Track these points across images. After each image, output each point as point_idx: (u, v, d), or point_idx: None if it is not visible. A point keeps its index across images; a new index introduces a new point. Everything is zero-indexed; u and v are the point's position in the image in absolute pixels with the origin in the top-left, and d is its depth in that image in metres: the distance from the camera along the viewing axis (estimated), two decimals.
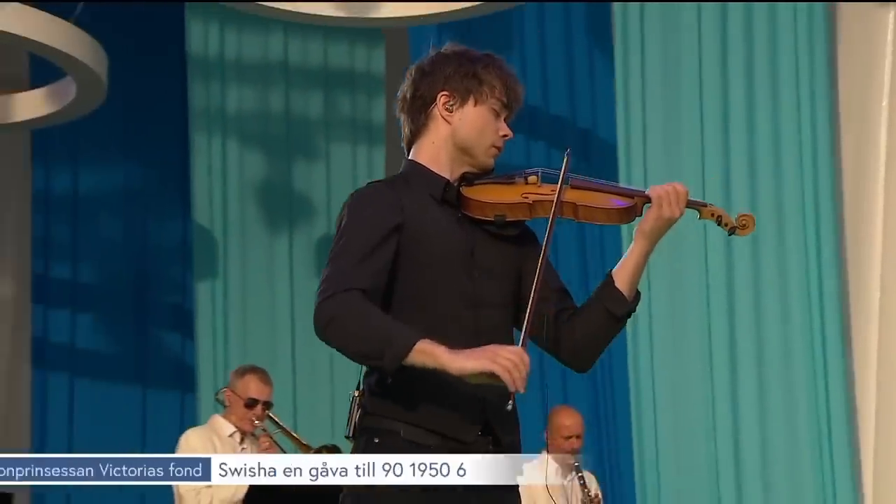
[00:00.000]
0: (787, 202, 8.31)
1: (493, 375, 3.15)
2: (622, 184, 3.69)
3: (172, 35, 10.55)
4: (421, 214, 3.42)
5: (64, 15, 9.07)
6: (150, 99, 11.18)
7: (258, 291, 10.30)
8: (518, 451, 3.49)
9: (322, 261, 10.34)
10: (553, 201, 3.41)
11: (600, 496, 7.73)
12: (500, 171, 3.63)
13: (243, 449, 6.94)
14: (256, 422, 7.04)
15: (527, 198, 3.46)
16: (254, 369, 7.26)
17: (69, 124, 10.45)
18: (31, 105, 10.17)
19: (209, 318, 10.19)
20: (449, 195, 3.48)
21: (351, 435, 3.38)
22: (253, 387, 7.03)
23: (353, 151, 10.60)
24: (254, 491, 6.60)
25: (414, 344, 3.17)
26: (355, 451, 3.36)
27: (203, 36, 10.36)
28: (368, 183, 3.59)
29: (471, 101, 3.50)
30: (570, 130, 9.73)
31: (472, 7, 8.99)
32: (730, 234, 3.61)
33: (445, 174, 3.50)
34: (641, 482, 8.28)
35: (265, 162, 10.49)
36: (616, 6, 8.77)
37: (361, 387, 3.41)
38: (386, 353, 3.18)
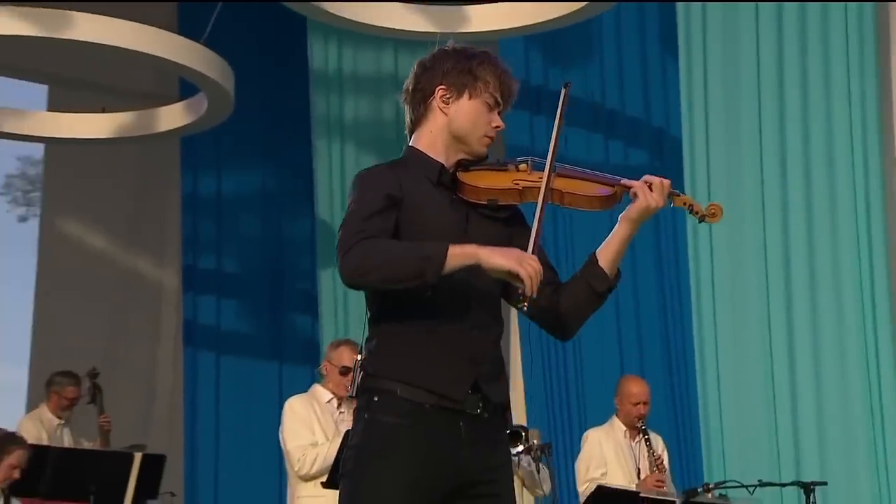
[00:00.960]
0: (840, 192, 8.24)
1: (514, 276, 3.18)
2: (604, 174, 3.55)
3: (297, 52, 10.63)
4: (418, 194, 3.39)
5: (195, 37, 9.27)
6: (279, 109, 11.31)
7: None
8: (507, 408, 3.46)
9: None
10: (541, 188, 3.37)
11: (665, 456, 7.66)
12: (574, 163, 3.60)
13: (341, 413, 6.88)
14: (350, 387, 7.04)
15: (517, 184, 3.43)
16: (347, 341, 7.21)
17: (212, 134, 10.60)
18: (172, 117, 10.37)
19: (331, 301, 10.30)
20: (444, 178, 3.44)
21: (354, 394, 3.37)
22: (346, 356, 6.93)
23: None
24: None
25: (447, 250, 3.18)
26: (358, 408, 3.35)
27: (323, 53, 10.48)
28: (372, 166, 3.56)
29: (466, 95, 3.45)
30: (644, 130, 9.63)
31: (554, 20, 8.87)
32: (700, 221, 3.54)
33: (441, 160, 3.46)
34: (707, 446, 8.21)
35: (378, 157, 10.57)
36: (679, 7, 8.64)
37: (363, 352, 3.41)
38: (426, 267, 3.17)
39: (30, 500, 7.64)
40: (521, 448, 7.00)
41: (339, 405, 6.96)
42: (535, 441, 7.04)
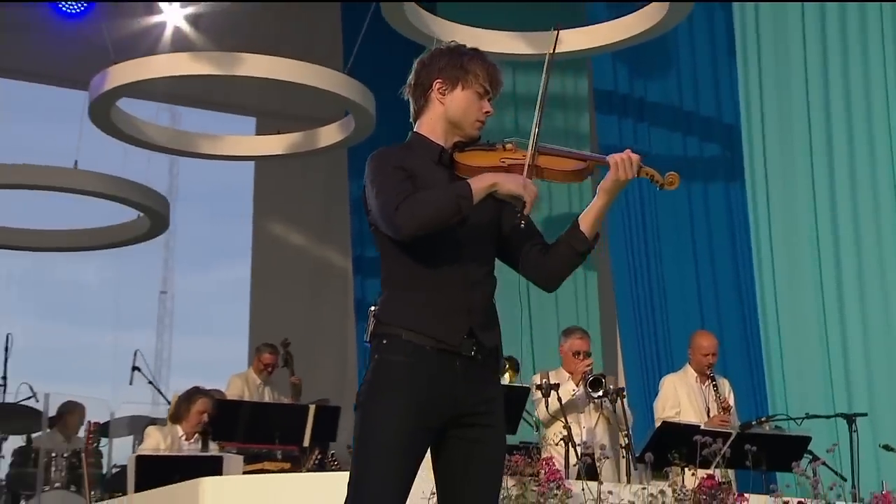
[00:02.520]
0: (880, 171, 8.08)
1: (517, 198, 3.22)
2: (580, 152, 3.55)
3: None
4: (422, 171, 3.34)
5: (342, 67, 9.50)
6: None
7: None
8: (499, 352, 3.41)
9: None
10: (524, 164, 3.34)
11: (731, 398, 7.61)
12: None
13: None
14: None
15: (504, 162, 3.38)
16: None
17: (368, 146, 10.63)
18: (329, 135, 10.58)
19: None
20: (444, 159, 3.40)
21: (368, 339, 3.34)
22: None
23: None
24: None
25: (469, 185, 3.21)
26: (371, 351, 3.32)
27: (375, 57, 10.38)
28: (381, 148, 3.49)
29: (459, 87, 3.40)
30: (716, 126, 9.45)
31: (634, 36, 8.78)
32: (660, 189, 3.45)
33: (440, 143, 3.42)
34: (771, 385, 8.13)
35: None
36: (736, 15, 8.51)
37: (376, 303, 3.38)
38: (462, 203, 3.18)
39: (227, 444, 7.90)
40: (601, 392, 7.05)
41: None
42: (612, 386, 7.07)
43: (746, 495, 6.26)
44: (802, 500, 6.23)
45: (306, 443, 8.05)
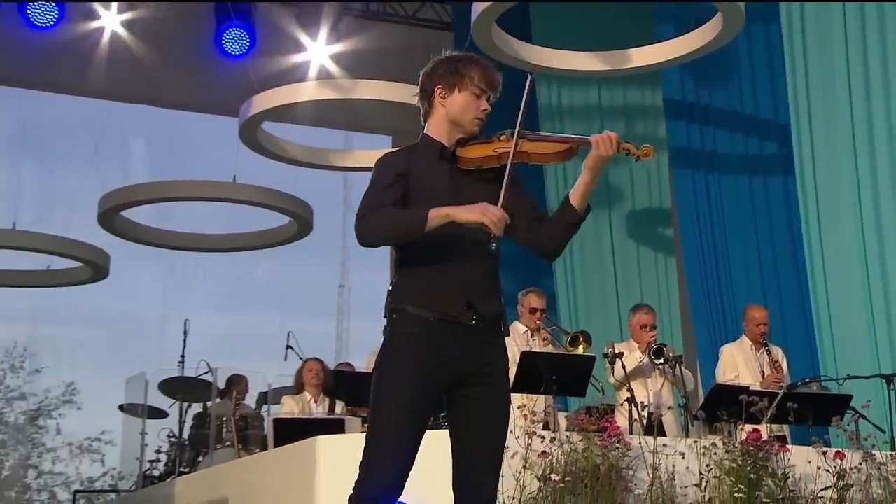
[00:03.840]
0: None
1: (482, 224, 3.09)
2: (565, 135, 3.41)
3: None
4: (422, 168, 3.27)
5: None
6: None
7: (591, 252, 10.33)
8: (500, 320, 3.30)
9: (630, 231, 10.44)
10: (510, 150, 3.24)
11: (784, 363, 7.46)
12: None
13: (532, 340, 6.97)
14: (538, 322, 7.05)
15: (496, 152, 3.28)
16: (533, 290, 7.23)
17: None
18: None
19: (563, 273, 10.33)
20: (445, 154, 3.32)
21: (385, 314, 3.28)
22: (534, 301, 7.06)
23: (629, 166, 10.30)
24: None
25: (427, 213, 3.11)
26: (385, 325, 3.26)
27: (547, 91, 10.55)
28: (387, 151, 3.43)
29: (456, 90, 3.31)
30: (774, 127, 9.24)
31: (697, 50, 8.64)
32: (636, 161, 3.34)
33: (444, 140, 3.33)
34: (821, 349, 7.91)
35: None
36: (784, 20, 8.29)
37: (391, 284, 3.32)
38: (413, 230, 3.13)
39: (356, 408, 7.66)
40: (662, 360, 7.01)
41: (532, 335, 7.11)
42: (671, 354, 7.03)
43: (788, 446, 6.17)
44: (840, 449, 6.11)
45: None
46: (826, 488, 5.96)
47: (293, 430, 6.71)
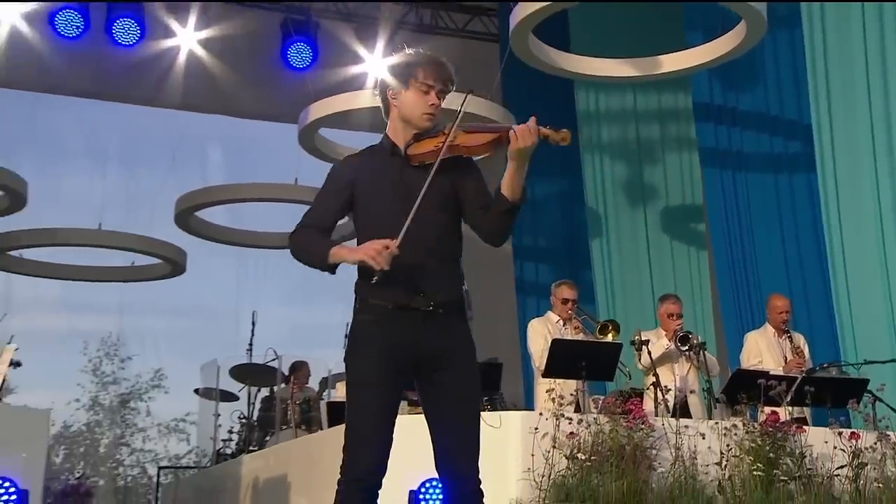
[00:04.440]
0: None
1: (365, 262, 3.04)
2: (496, 125, 3.56)
3: (566, 99, 10.61)
4: (371, 169, 3.23)
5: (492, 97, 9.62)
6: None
7: (627, 246, 10.33)
8: (459, 304, 3.21)
9: (664, 227, 10.37)
10: (449, 145, 3.18)
11: (805, 349, 7.37)
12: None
13: (564, 328, 7.01)
14: (569, 311, 7.07)
15: (437, 146, 3.19)
16: (565, 282, 7.24)
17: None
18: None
19: (601, 265, 10.35)
20: (396, 152, 3.24)
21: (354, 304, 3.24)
22: (566, 292, 7.07)
23: (678, 156, 10.44)
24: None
25: (328, 251, 3.10)
26: (354, 313, 3.23)
27: (585, 96, 10.55)
28: (343, 157, 3.42)
29: (404, 89, 3.24)
30: (798, 127, 9.07)
31: (725, 55, 8.53)
32: (555, 145, 3.20)
33: (400, 137, 3.26)
34: (842, 335, 7.79)
35: (626, 166, 10.61)
36: (805, 23, 8.13)
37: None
38: (322, 265, 3.14)
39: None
40: (687, 346, 6.98)
41: (565, 324, 7.13)
42: (696, 341, 6.99)
43: (805, 427, 6.11)
44: (856, 430, 6.04)
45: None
46: (841, 467, 5.89)
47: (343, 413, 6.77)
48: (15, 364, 5.76)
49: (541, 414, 5.66)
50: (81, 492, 12.29)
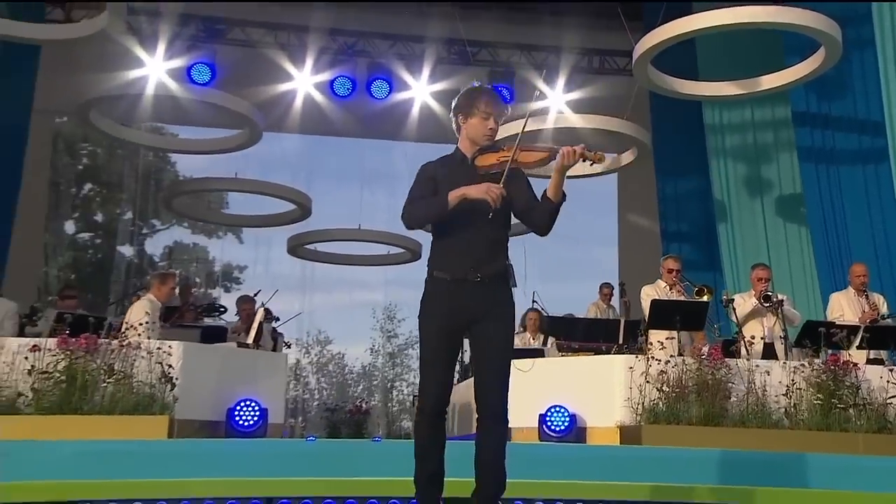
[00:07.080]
0: None
1: (481, 199, 3.02)
2: (549, 146, 3.12)
3: (694, 113, 10.11)
4: (447, 173, 3.16)
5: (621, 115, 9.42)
6: (689, 145, 10.42)
7: (748, 228, 9.87)
8: (504, 275, 3.14)
9: (777, 211, 9.84)
10: (509, 158, 3.10)
11: (883, 307, 6.82)
12: None
13: (670, 293, 6.64)
14: (674, 279, 6.72)
15: (499, 160, 3.12)
16: (671, 255, 6.98)
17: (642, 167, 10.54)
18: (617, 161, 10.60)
19: (726, 244, 9.96)
20: (466, 162, 3.19)
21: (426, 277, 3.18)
22: (671, 263, 6.83)
23: (788, 156, 9.73)
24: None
25: (446, 198, 3.05)
26: (424, 283, 3.17)
27: (711, 111, 10.09)
28: (427, 162, 3.26)
29: (469, 116, 3.21)
30: (883, 128, 8.17)
31: (813, 71, 7.99)
32: (591, 165, 3.08)
33: (468, 150, 3.21)
34: None
35: (745, 165, 10.08)
36: (876, 31, 7.51)
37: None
38: (440, 211, 3.06)
39: (568, 342, 7.42)
40: (768, 304, 6.69)
41: (671, 288, 6.75)
42: (776, 298, 6.69)
43: (861, 366, 5.76)
44: None
45: (620, 341, 8.12)
46: (893, 396, 5.54)
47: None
48: (273, 319, 6.31)
49: (636, 356, 5.71)
50: (363, 410, 13.04)
